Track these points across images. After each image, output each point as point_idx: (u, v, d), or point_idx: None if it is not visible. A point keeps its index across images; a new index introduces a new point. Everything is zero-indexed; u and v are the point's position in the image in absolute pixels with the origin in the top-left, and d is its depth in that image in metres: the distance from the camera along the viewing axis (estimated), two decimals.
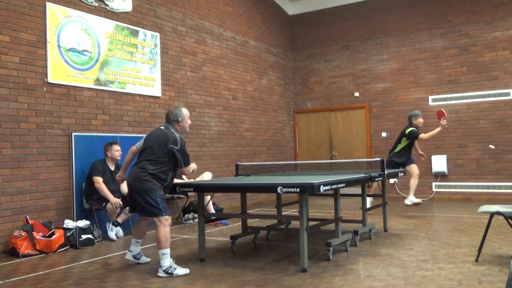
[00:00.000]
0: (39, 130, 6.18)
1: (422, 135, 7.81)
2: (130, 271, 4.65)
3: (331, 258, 4.83)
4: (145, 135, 4.82)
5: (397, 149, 8.00)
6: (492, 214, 4.59)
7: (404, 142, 7.96)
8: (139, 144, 4.75)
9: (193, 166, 4.76)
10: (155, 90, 8.01)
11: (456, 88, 10.33)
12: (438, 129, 7.82)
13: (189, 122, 4.80)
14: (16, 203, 5.86)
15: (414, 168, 7.94)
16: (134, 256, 4.87)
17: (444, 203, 9.46)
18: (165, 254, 4.39)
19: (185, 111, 4.74)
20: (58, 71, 6.45)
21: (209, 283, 4.11)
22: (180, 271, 4.40)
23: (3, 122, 5.80)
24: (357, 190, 5.91)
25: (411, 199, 7.92)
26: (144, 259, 4.91)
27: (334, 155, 11.69)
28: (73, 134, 6.56)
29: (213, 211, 7.51)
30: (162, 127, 4.67)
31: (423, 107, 10.65)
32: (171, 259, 4.45)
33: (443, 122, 7.78)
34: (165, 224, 4.43)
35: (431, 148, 10.50)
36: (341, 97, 11.68)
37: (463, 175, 9.95)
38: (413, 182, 7.94)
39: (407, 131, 7.89)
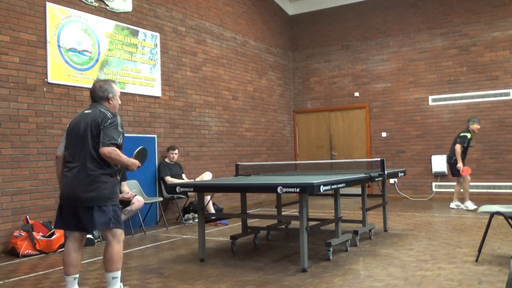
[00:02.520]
0: (39, 130, 6.18)
1: (458, 146, 8.46)
2: (130, 271, 4.65)
3: (331, 258, 4.83)
4: (65, 135, 3.72)
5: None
6: (492, 214, 4.59)
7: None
8: (62, 144, 3.70)
9: (127, 159, 3.58)
10: (155, 90, 8.01)
11: (456, 88, 10.33)
12: (460, 162, 8.42)
13: (119, 101, 3.83)
14: (16, 203, 5.86)
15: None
16: None
17: (444, 203, 9.46)
18: (116, 278, 3.51)
19: (116, 87, 3.77)
20: (58, 71, 6.45)
21: (209, 283, 4.11)
22: None
23: (3, 122, 5.80)
24: (357, 190, 5.91)
25: (467, 204, 8.51)
26: None
27: (334, 155, 11.68)
28: None
29: (213, 211, 7.51)
30: (88, 111, 3.63)
31: (423, 107, 10.66)
32: (121, 284, 3.66)
33: (460, 168, 8.45)
34: (119, 240, 3.53)
35: (431, 148, 10.50)
36: (341, 97, 11.68)
37: None
38: (467, 186, 8.56)
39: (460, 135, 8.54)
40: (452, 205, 8.72)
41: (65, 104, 6.54)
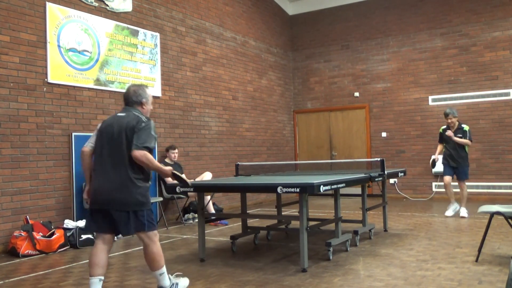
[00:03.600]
0: (39, 130, 6.18)
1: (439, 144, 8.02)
2: (130, 271, 4.65)
3: (331, 258, 4.83)
4: (95, 134, 3.69)
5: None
6: (492, 214, 4.59)
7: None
8: (92, 141, 3.67)
9: (158, 165, 3.56)
10: (155, 90, 8.01)
11: (456, 88, 10.33)
12: (437, 154, 7.95)
13: (151, 107, 3.86)
14: (16, 203, 5.86)
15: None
16: None
17: (444, 203, 9.44)
18: (163, 273, 3.68)
19: (149, 92, 3.81)
20: (58, 71, 6.45)
21: (209, 283, 4.11)
22: (183, 282, 3.87)
23: (3, 122, 5.80)
24: (357, 190, 5.92)
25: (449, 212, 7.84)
26: None
27: (334, 155, 11.68)
28: (73, 134, 6.56)
29: (213, 211, 7.51)
30: (121, 114, 3.64)
31: (423, 107, 10.66)
32: (169, 275, 3.80)
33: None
34: (155, 240, 3.67)
35: (431, 148, 10.48)
36: (341, 97, 11.68)
37: None
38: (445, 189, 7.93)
39: None
40: (463, 211, 7.61)
41: (65, 104, 6.54)
